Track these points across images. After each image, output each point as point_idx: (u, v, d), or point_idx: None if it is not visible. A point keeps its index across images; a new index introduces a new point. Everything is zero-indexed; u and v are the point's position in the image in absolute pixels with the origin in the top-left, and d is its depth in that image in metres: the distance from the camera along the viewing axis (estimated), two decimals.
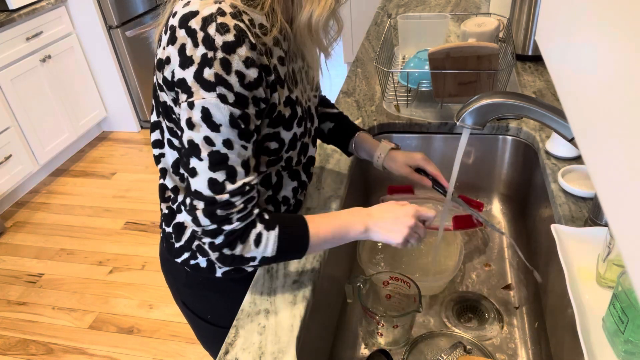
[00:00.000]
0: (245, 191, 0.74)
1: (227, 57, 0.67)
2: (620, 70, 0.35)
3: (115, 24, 3.17)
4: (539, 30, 0.69)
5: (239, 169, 0.73)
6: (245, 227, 0.75)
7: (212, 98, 0.68)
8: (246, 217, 0.75)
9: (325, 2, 0.73)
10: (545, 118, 0.86)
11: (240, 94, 0.69)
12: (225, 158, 0.72)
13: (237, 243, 0.75)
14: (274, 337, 0.80)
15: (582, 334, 0.71)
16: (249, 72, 0.69)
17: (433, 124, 1.32)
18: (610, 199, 0.36)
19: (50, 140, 3.05)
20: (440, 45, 1.22)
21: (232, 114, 0.69)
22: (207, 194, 0.72)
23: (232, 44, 0.67)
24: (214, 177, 0.72)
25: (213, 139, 0.70)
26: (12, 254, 2.56)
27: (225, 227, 0.74)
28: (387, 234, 0.82)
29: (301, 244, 0.80)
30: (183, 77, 0.69)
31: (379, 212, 0.84)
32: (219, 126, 0.70)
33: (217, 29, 0.66)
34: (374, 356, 0.93)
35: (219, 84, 0.67)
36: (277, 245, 0.77)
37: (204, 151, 0.71)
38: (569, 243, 0.88)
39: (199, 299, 1.01)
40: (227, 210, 0.73)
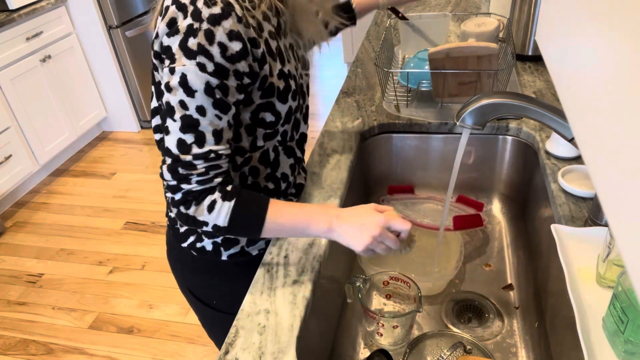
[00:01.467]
0: (209, 157, 0.77)
1: (212, 29, 0.71)
2: (620, 70, 0.35)
3: (115, 24, 3.17)
4: (539, 30, 0.69)
5: (209, 136, 0.76)
6: (202, 190, 0.79)
7: (192, 66, 0.72)
8: (205, 182, 0.78)
9: None
10: (545, 118, 0.86)
11: (221, 65, 0.73)
12: (197, 123, 0.75)
13: (191, 203, 0.79)
14: (274, 337, 0.80)
15: (582, 334, 0.71)
16: (232, 45, 0.72)
17: (433, 124, 1.32)
18: (610, 199, 0.36)
19: (50, 140, 3.05)
20: (440, 45, 1.22)
21: (209, 82, 0.73)
22: (174, 151, 0.77)
23: (217, 16, 0.71)
24: (182, 137, 0.76)
25: (187, 104, 0.74)
26: (12, 254, 2.56)
27: (183, 186, 0.78)
28: (350, 239, 0.81)
29: (255, 223, 0.81)
30: (169, 44, 0.73)
31: (347, 214, 0.82)
32: (194, 92, 0.73)
33: (205, 2, 0.71)
34: (374, 356, 0.93)
35: (200, 53, 0.71)
36: (229, 216, 0.79)
37: (178, 113, 0.75)
38: (569, 243, 0.88)
39: (204, 284, 1.03)
40: (188, 170, 0.77)
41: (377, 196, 1.39)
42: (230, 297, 1.00)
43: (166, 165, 0.78)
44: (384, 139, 1.36)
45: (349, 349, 1.04)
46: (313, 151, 1.24)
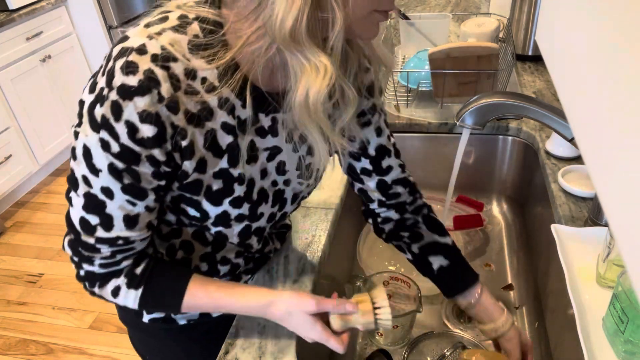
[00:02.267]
0: (117, 243, 0.66)
1: (120, 102, 0.56)
2: (620, 70, 0.35)
3: (115, 24, 3.17)
4: (539, 30, 0.69)
5: (117, 222, 0.64)
6: (106, 274, 0.69)
7: (94, 140, 0.59)
8: (110, 265, 0.68)
9: (325, 76, 0.58)
10: (545, 118, 0.87)
11: (128, 148, 0.58)
12: (102, 205, 0.63)
13: (95, 284, 0.70)
14: (274, 337, 0.80)
15: (582, 334, 0.71)
16: (143, 128, 0.57)
17: (433, 124, 1.32)
18: (610, 199, 0.36)
19: (50, 140, 3.05)
20: (440, 45, 1.22)
21: (113, 164, 0.60)
22: (77, 228, 0.65)
23: (131, 89, 0.56)
24: (86, 217, 0.64)
25: (91, 181, 0.61)
26: (12, 254, 2.56)
27: (85, 266, 0.68)
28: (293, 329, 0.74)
29: (170, 308, 0.73)
30: (83, 100, 0.61)
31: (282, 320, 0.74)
32: (98, 171, 0.60)
33: (122, 67, 0.56)
34: (374, 356, 0.93)
35: (103, 126, 0.58)
36: (138, 302, 0.71)
37: (81, 189, 0.63)
38: (569, 243, 0.88)
39: (134, 337, 0.97)
40: (90, 252, 0.66)
41: None
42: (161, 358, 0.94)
43: (68, 238, 0.68)
44: None
45: (349, 349, 1.03)
46: None
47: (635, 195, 0.31)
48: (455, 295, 0.88)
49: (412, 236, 0.90)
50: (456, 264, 0.88)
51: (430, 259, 0.88)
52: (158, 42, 0.58)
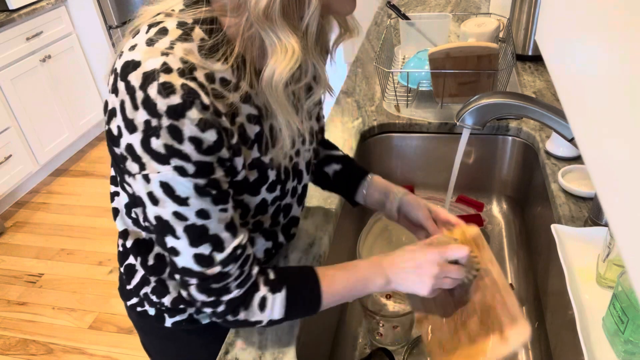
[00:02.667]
0: (237, 255, 0.66)
1: (175, 124, 0.56)
2: (620, 70, 0.35)
3: (115, 24, 3.17)
4: (539, 30, 0.69)
5: (224, 235, 0.64)
6: (246, 292, 0.69)
7: (169, 172, 0.58)
8: (245, 281, 0.68)
9: (292, 57, 0.60)
10: (545, 118, 0.87)
11: (201, 162, 0.59)
12: (205, 229, 0.63)
13: (239, 310, 0.69)
14: (274, 337, 0.80)
15: (582, 334, 0.71)
16: (206, 136, 0.58)
17: (433, 124, 1.32)
18: (610, 199, 0.36)
19: (50, 140, 3.05)
20: (440, 45, 1.22)
21: (197, 185, 0.60)
22: (197, 269, 0.65)
23: (179, 107, 0.56)
24: (198, 252, 0.63)
25: (184, 213, 0.61)
26: (12, 254, 2.56)
27: (224, 298, 0.68)
28: (412, 285, 0.73)
29: (312, 305, 0.73)
30: (130, 142, 0.58)
31: (400, 260, 0.74)
32: (186, 199, 0.60)
33: (159, 90, 0.55)
34: (375, 354, 0.93)
35: (172, 155, 0.57)
36: (285, 308, 0.71)
37: (179, 228, 0.62)
38: (569, 243, 0.88)
39: (153, 345, 0.96)
40: (223, 281, 0.66)
41: None
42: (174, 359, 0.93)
43: (194, 286, 0.66)
44: (384, 139, 1.36)
45: (349, 349, 1.04)
46: None
47: (635, 195, 0.32)
48: (354, 194, 0.95)
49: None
50: (348, 166, 0.97)
51: (326, 170, 0.97)
52: (175, 56, 0.58)
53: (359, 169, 0.97)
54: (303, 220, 1.02)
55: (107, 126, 0.62)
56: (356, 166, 0.98)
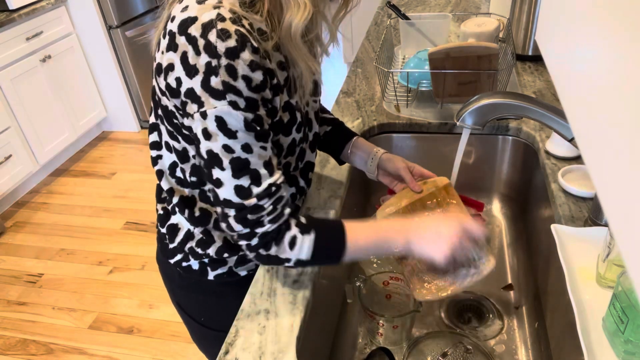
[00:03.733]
0: (272, 192, 0.74)
1: (232, 63, 0.66)
2: (620, 70, 0.35)
3: (115, 24, 3.17)
4: (539, 30, 0.69)
5: (262, 171, 0.73)
6: (278, 228, 0.76)
7: (224, 106, 0.67)
8: (277, 218, 0.76)
9: (304, 11, 0.70)
10: (545, 118, 0.87)
11: (251, 98, 0.69)
12: (247, 163, 0.72)
13: (271, 244, 0.76)
14: (274, 337, 0.80)
15: (582, 334, 0.71)
16: (255, 75, 0.68)
17: (433, 124, 1.32)
18: (610, 199, 0.36)
19: (50, 140, 3.05)
20: (440, 45, 1.22)
21: (246, 118, 0.69)
22: (236, 201, 0.73)
23: (234, 49, 0.66)
24: (239, 183, 0.72)
25: (232, 146, 0.70)
26: (12, 254, 2.56)
27: (258, 230, 0.75)
28: (429, 249, 0.79)
29: (337, 251, 0.79)
30: (191, 86, 0.68)
31: (422, 225, 0.81)
32: (235, 132, 0.69)
33: (218, 35, 0.65)
34: (375, 354, 0.93)
35: (228, 91, 0.67)
36: (312, 249, 0.77)
37: (225, 160, 0.71)
38: (569, 243, 0.88)
39: (192, 300, 1.01)
40: (257, 213, 0.74)
41: (377, 196, 1.39)
42: (218, 315, 0.98)
43: (232, 217, 0.75)
44: (384, 139, 1.36)
45: (349, 349, 1.04)
46: None
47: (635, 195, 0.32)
48: (340, 152, 1.06)
49: None
50: (338, 128, 1.08)
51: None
52: (225, 8, 0.67)
53: (348, 132, 1.08)
54: None
55: (164, 82, 0.71)
56: (344, 129, 1.09)
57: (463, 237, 0.79)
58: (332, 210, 1.04)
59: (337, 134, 1.08)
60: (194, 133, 0.72)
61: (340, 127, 1.09)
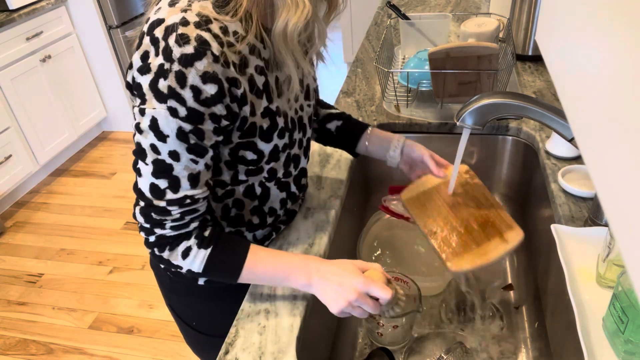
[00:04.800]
0: (185, 203, 0.74)
1: (183, 70, 0.65)
2: (620, 70, 0.35)
3: (115, 24, 3.16)
4: (539, 30, 0.69)
5: (184, 182, 0.72)
6: (177, 236, 0.76)
7: (162, 110, 0.67)
8: (180, 227, 0.76)
9: (303, 10, 0.68)
10: (545, 118, 0.86)
11: (194, 109, 0.68)
12: (170, 168, 0.71)
13: (165, 247, 0.77)
14: (274, 337, 0.80)
15: (582, 334, 0.71)
16: (206, 88, 0.67)
17: (433, 124, 1.32)
18: (610, 199, 0.36)
19: (50, 140, 3.05)
20: (440, 45, 1.22)
21: (181, 128, 0.68)
22: (147, 195, 0.73)
23: (190, 56, 0.65)
24: (155, 182, 0.72)
25: (159, 148, 0.70)
26: (12, 254, 2.56)
27: (157, 230, 0.76)
28: (326, 298, 0.77)
29: (230, 272, 0.79)
30: (139, 82, 0.68)
31: (328, 270, 0.78)
32: (165, 137, 0.69)
33: (177, 40, 0.65)
34: (375, 354, 0.93)
35: (171, 96, 0.66)
36: (204, 264, 0.77)
37: (150, 157, 0.71)
38: (569, 243, 0.88)
39: (184, 305, 1.01)
40: (162, 216, 0.74)
41: (378, 196, 1.39)
42: (210, 319, 0.98)
43: (139, 207, 0.75)
44: None
45: (349, 349, 1.04)
46: (313, 151, 1.24)
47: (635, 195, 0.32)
48: (356, 145, 1.07)
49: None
50: (349, 121, 1.08)
51: (328, 126, 1.08)
52: (192, 12, 0.66)
53: (359, 123, 1.09)
54: (303, 220, 1.02)
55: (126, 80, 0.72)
56: (355, 121, 1.10)
57: (363, 295, 0.75)
58: (332, 210, 1.04)
59: (350, 127, 1.08)
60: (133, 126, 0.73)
61: (351, 120, 1.10)
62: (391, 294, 0.76)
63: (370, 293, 0.76)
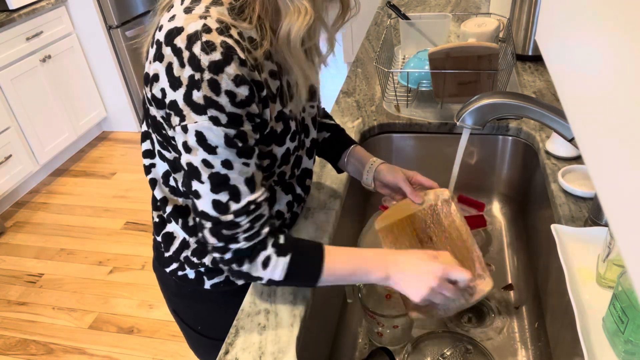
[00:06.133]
0: (250, 210, 0.73)
1: (215, 78, 0.64)
2: (620, 70, 0.35)
3: (115, 24, 3.16)
4: (539, 30, 0.69)
5: (242, 188, 0.72)
6: (254, 246, 0.75)
7: (204, 121, 0.66)
8: (253, 236, 0.75)
9: (305, 16, 0.68)
10: (545, 118, 0.86)
11: (233, 114, 0.67)
12: (226, 179, 0.70)
13: (244, 261, 0.75)
14: (274, 337, 0.80)
15: (582, 334, 0.71)
16: (240, 90, 0.67)
17: (433, 124, 1.32)
18: (610, 199, 0.36)
19: (50, 140, 3.05)
20: (440, 45, 1.22)
21: (227, 134, 0.68)
22: (212, 214, 0.72)
23: (219, 63, 0.64)
24: (217, 198, 0.71)
25: (211, 161, 0.69)
26: (12, 254, 2.56)
27: (232, 246, 0.74)
28: (407, 288, 0.77)
29: (312, 275, 0.78)
30: (174, 99, 0.67)
31: (405, 261, 0.79)
32: (215, 148, 0.68)
33: (203, 48, 0.64)
34: (375, 354, 0.93)
35: (209, 106, 0.66)
36: (285, 272, 0.76)
37: (204, 174, 0.70)
38: (569, 243, 0.88)
39: (189, 309, 1.01)
40: (232, 230, 0.73)
41: (378, 197, 1.39)
42: (215, 324, 0.98)
43: (207, 229, 0.74)
44: (384, 139, 1.36)
45: (349, 349, 1.04)
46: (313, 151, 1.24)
47: (635, 195, 0.32)
48: (337, 161, 1.05)
49: None
50: (336, 135, 1.06)
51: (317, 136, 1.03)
52: (212, 18, 0.66)
53: (345, 140, 1.06)
54: (303, 220, 1.02)
55: (150, 93, 0.71)
56: (343, 136, 1.07)
57: (443, 282, 0.76)
58: (333, 210, 1.04)
59: (335, 142, 1.05)
60: (176, 145, 0.71)
61: (340, 134, 1.06)
62: (470, 274, 0.77)
63: (449, 277, 0.77)
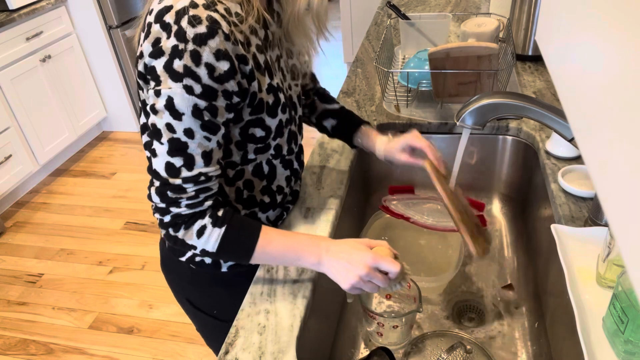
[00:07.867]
0: (199, 180, 0.76)
1: (197, 49, 0.68)
2: (620, 70, 0.35)
3: (115, 24, 3.17)
4: (539, 30, 0.69)
5: (198, 159, 0.75)
6: (192, 214, 0.78)
7: (178, 88, 0.69)
8: (195, 205, 0.77)
9: None
10: (545, 118, 0.86)
11: (209, 86, 0.70)
12: (185, 146, 0.73)
13: (180, 227, 0.78)
14: (274, 337, 0.80)
15: (582, 334, 0.71)
16: (219, 65, 0.70)
17: (433, 124, 1.32)
18: (610, 199, 0.36)
19: (50, 140, 3.05)
20: (440, 46, 1.22)
21: (197, 105, 0.71)
22: (162, 174, 0.75)
23: (203, 35, 0.68)
24: (171, 161, 0.74)
25: (174, 126, 0.72)
26: (12, 254, 2.56)
27: (173, 209, 0.77)
28: (336, 275, 0.79)
29: (244, 251, 0.80)
30: (153, 65, 0.70)
31: (337, 249, 0.80)
32: (181, 115, 0.71)
33: (189, 21, 0.67)
34: (375, 354, 0.93)
35: (187, 75, 0.69)
36: (218, 243, 0.78)
37: (165, 136, 0.73)
38: (569, 243, 0.88)
39: (205, 295, 1.02)
40: (177, 194, 0.76)
41: (378, 196, 1.39)
42: (232, 306, 0.98)
43: (154, 187, 0.76)
44: None
45: (349, 349, 1.04)
46: (313, 151, 1.24)
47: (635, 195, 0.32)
48: (351, 141, 1.11)
49: (310, 110, 1.12)
50: (343, 120, 1.11)
51: (324, 124, 1.12)
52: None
53: (352, 122, 1.11)
54: (303, 220, 1.02)
55: (137, 70, 0.74)
56: (350, 119, 1.11)
57: (372, 271, 0.77)
58: (333, 210, 1.04)
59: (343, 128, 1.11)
60: (146, 108, 0.74)
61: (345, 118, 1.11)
62: (399, 267, 0.78)
63: (379, 268, 0.78)
